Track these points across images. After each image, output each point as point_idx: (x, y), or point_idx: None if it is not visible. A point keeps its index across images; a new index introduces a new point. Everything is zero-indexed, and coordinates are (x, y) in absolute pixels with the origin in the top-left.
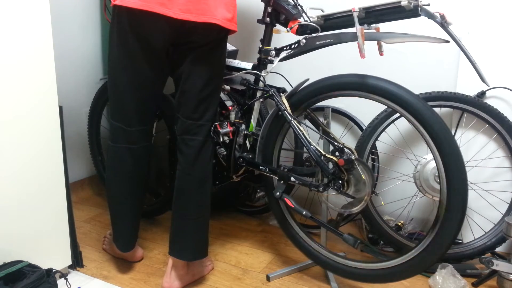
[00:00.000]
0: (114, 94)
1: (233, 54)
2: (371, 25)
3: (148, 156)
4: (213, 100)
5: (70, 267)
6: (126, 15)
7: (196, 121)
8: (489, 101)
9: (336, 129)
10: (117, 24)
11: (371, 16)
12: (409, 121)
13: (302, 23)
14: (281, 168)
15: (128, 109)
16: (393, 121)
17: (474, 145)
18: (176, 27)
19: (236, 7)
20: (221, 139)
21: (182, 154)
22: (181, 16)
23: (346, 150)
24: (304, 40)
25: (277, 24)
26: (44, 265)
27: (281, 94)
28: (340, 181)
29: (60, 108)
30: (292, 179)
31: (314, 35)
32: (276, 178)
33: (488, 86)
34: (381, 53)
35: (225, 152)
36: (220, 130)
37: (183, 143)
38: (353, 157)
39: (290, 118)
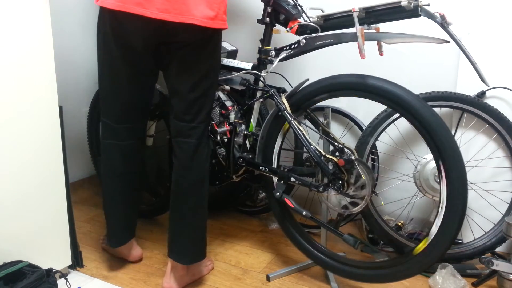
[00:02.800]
0: (101, 92)
1: (233, 54)
2: (371, 25)
3: (136, 154)
4: (206, 101)
5: (70, 267)
6: (108, 15)
7: (188, 123)
8: (489, 101)
9: (336, 129)
10: (101, 24)
11: (371, 16)
12: (409, 121)
13: (302, 23)
14: (281, 168)
15: (114, 107)
16: (393, 121)
17: (474, 145)
18: (156, 27)
19: (223, 2)
20: (219, 138)
21: (176, 157)
22: (159, 16)
23: (346, 150)
24: (304, 40)
25: (277, 24)
26: (44, 265)
27: (281, 94)
28: (340, 181)
29: (60, 108)
30: (292, 179)
31: (314, 35)
32: (276, 178)
33: (488, 86)
34: (381, 53)
35: (225, 152)
36: (217, 129)
37: (176, 145)
38: (353, 157)
39: (290, 118)
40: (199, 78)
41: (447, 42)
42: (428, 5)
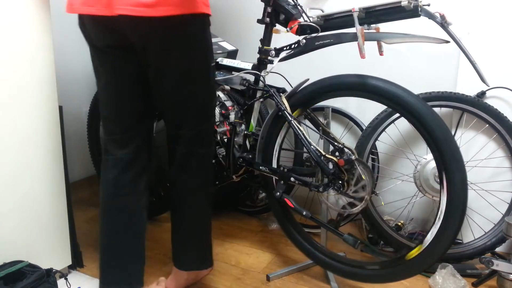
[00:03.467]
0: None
1: (233, 54)
2: (371, 25)
3: (141, 169)
4: (192, 106)
5: (70, 267)
6: (78, 21)
7: (174, 131)
8: (489, 101)
9: (336, 129)
10: None
11: (371, 16)
12: (409, 121)
13: (302, 23)
14: (281, 168)
15: (109, 114)
16: (393, 121)
17: (474, 145)
18: (109, 26)
19: None
20: (219, 138)
21: (170, 166)
22: (101, 12)
23: (346, 150)
24: (304, 40)
25: (277, 24)
26: (44, 265)
27: (281, 94)
28: (340, 181)
29: (60, 108)
30: (292, 179)
31: (314, 35)
32: (276, 178)
33: (488, 86)
34: (381, 53)
35: (225, 152)
36: (217, 129)
37: (169, 153)
38: (353, 157)
39: (290, 118)
40: (174, 79)
41: (447, 42)
42: (428, 5)
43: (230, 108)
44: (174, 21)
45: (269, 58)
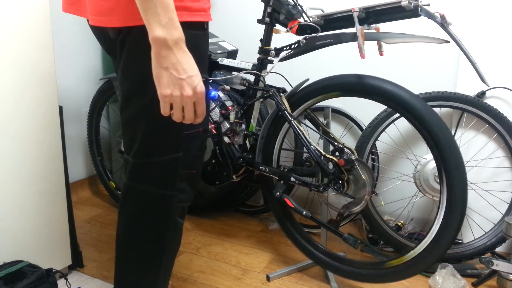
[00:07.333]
0: None
1: (233, 54)
2: (371, 25)
3: None
4: (137, 128)
5: (70, 267)
6: None
7: (126, 154)
8: (489, 101)
9: (336, 129)
10: None
11: (371, 16)
12: (409, 121)
13: (302, 23)
14: (281, 168)
15: None
16: (393, 121)
17: (474, 145)
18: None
19: None
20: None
21: None
22: (68, 11)
23: (346, 150)
24: (304, 40)
25: (277, 24)
26: (44, 265)
27: (281, 94)
28: (340, 181)
29: (60, 108)
30: (292, 179)
31: (314, 35)
32: (276, 178)
33: (488, 86)
34: (381, 53)
35: (219, 151)
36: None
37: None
38: (353, 157)
39: (290, 118)
40: (123, 94)
41: (447, 42)
42: (428, 5)
43: (230, 108)
44: (127, 29)
45: (269, 58)
